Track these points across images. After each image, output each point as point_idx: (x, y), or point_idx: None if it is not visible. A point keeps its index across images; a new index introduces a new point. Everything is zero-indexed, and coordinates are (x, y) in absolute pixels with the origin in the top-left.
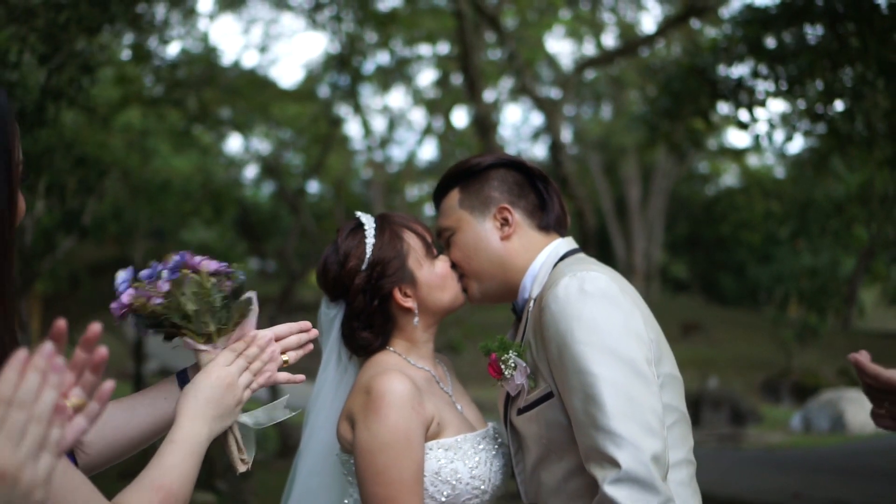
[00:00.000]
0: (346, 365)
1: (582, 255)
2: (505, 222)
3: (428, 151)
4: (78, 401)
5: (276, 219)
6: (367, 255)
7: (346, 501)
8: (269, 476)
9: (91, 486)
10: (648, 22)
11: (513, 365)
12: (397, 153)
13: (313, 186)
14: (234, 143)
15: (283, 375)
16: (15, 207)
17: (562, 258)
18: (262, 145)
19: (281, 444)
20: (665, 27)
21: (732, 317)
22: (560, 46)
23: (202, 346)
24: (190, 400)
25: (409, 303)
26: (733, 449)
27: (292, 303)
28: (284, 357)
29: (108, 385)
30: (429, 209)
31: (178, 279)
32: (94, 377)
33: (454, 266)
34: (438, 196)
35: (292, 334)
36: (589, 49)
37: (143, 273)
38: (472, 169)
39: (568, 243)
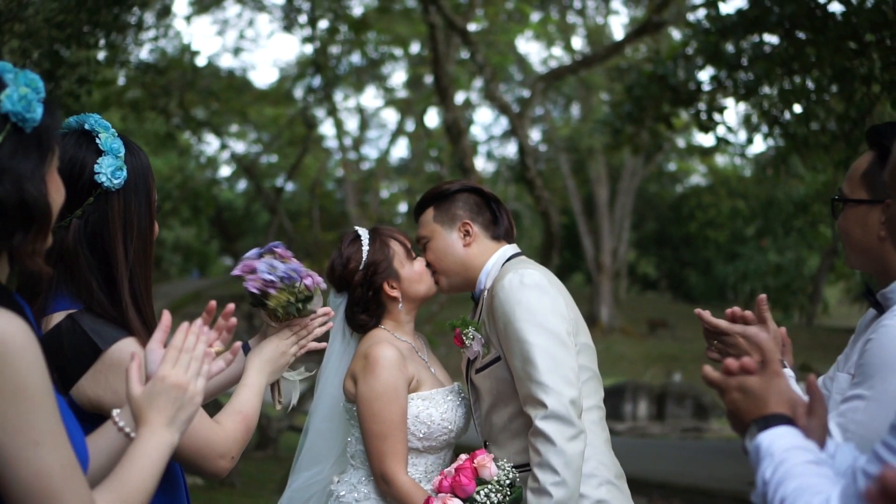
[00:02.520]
0: (348, 339)
1: (523, 258)
2: (467, 233)
3: (400, 150)
4: (219, 348)
5: (249, 216)
6: (364, 259)
7: (349, 439)
8: (249, 465)
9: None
10: (616, 24)
11: (472, 337)
12: (370, 152)
13: (288, 186)
14: (210, 143)
15: (314, 344)
16: (153, 231)
17: (508, 259)
18: (237, 146)
19: (259, 436)
20: (626, 40)
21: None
22: (530, 47)
23: (272, 323)
24: (257, 359)
25: (395, 293)
26: (695, 440)
27: None
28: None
29: (238, 344)
30: (402, 207)
31: (289, 282)
32: (228, 335)
33: (428, 265)
34: (417, 212)
35: (320, 316)
36: (557, 51)
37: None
38: (443, 193)
39: (513, 248)
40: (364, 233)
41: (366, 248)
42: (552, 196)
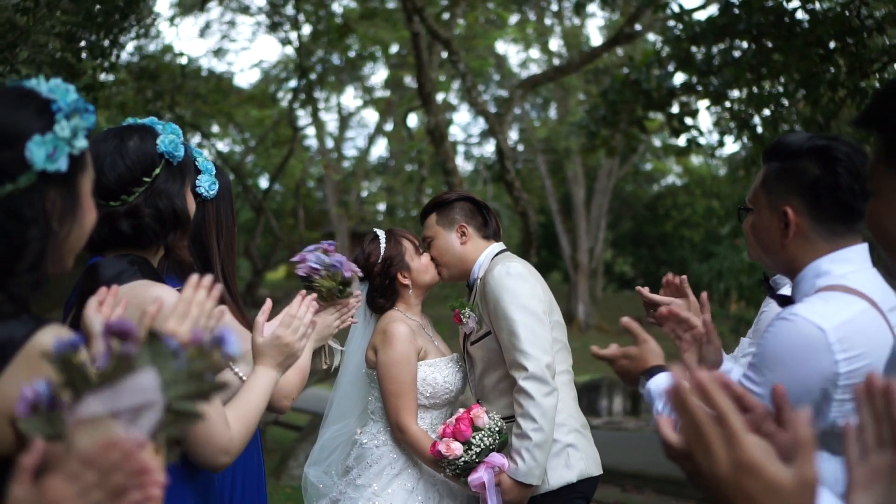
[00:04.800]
0: (369, 318)
1: (508, 253)
2: (463, 234)
3: (379, 149)
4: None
5: None
6: (382, 254)
7: (369, 398)
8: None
9: None
10: (593, 27)
11: (468, 315)
12: (349, 151)
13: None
14: (193, 143)
15: (351, 319)
16: (233, 232)
17: (496, 254)
18: (221, 145)
19: None
20: (600, 50)
21: None
22: (508, 48)
23: (319, 303)
24: None
25: (407, 281)
26: None
27: (255, 297)
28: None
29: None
30: (381, 206)
31: (333, 271)
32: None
33: (433, 259)
34: (423, 217)
35: (353, 299)
36: (535, 53)
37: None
38: (444, 201)
39: (500, 246)
40: (381, 233)
41: (383, 245)
42: (530, 196)
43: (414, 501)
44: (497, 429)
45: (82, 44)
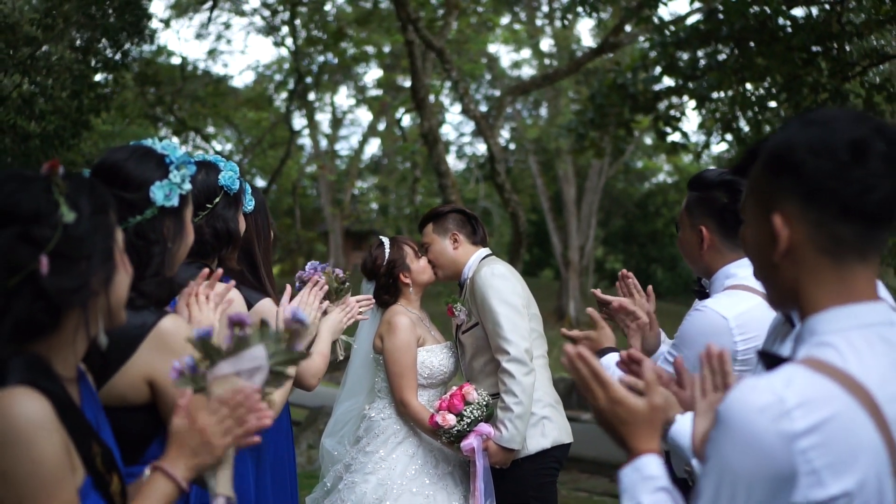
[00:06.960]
0: (376, 312)
1: (493, 257)
2: (455, 241)
3: (373, 147)
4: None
5: None
6: (386, 258)
7: (377, 379)
8: None
9: None
10: (584, 29)
11: (460, 309)
12: (342, 149)
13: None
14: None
15: (359, 316)
16: (270, 238)
17: (483, 258)
18: (218, 146)
19: None
20: (587, 58)
21: (665, 308)
22: (499, 48)
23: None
24: (324, 324)
25: (408, 281)
26: None
27: None
28: (361, 309)
29: (326, 303)
30: (374, 206)
31: (327, 274)
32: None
33: (430, 262)
34: (421, 226)
35: (364, 300)
36: (526, 53)
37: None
38: (439, 213)
39: (486, 251)
40: (386, 240)
41: (387, 250)
42: (521, 195)
43: (414, 464)
44: (485, 403)
45: (97, 56)
